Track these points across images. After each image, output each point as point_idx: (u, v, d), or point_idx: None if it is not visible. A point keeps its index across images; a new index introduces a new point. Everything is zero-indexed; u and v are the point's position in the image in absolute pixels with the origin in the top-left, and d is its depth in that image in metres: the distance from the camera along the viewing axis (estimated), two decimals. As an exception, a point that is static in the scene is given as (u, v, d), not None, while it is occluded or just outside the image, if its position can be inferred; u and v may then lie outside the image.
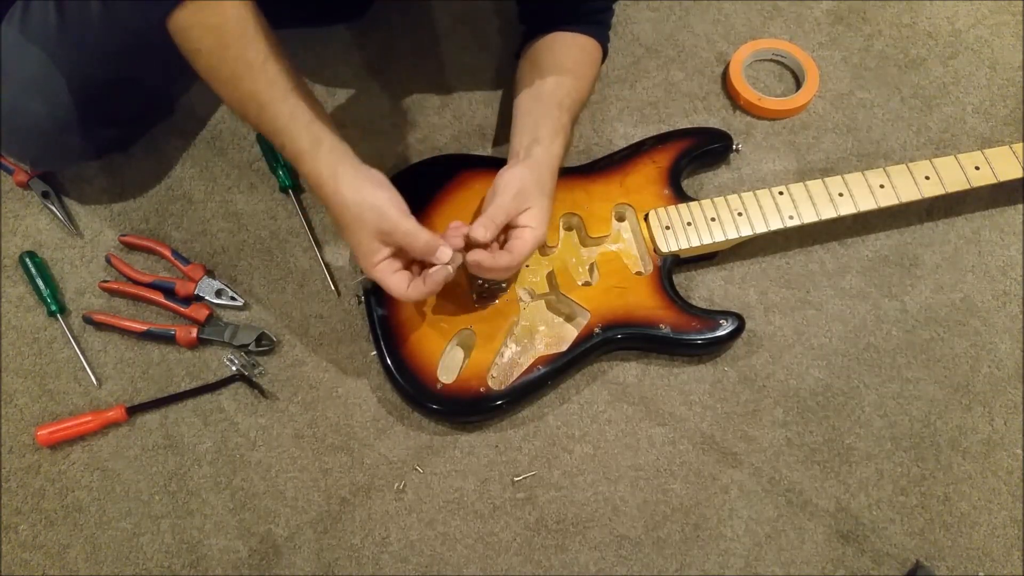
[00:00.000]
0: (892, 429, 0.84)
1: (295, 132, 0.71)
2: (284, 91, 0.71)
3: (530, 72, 0.88)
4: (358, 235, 0.72)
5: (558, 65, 0.87)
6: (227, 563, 0.78)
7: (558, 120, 0.83)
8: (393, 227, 0.71)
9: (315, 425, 0.83)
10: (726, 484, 0.81)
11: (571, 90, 0.86)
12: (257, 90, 0.70)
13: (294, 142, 0.71)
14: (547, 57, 0.88)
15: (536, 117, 0.84)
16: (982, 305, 0.90)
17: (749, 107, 1.00)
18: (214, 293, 0.88)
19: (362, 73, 1.02)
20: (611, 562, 0.78)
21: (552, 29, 0.89)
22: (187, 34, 0.69)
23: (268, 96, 0.70)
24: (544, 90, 0.85)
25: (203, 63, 0.71)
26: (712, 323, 0.83)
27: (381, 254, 0.72)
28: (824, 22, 1.08)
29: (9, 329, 0.88)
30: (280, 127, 0.71)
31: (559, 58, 0.88)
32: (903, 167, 0.88)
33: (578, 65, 0.89)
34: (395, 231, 0.71)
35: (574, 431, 0.83)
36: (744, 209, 0.86)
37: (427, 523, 0.79)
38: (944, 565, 0.78)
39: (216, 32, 0.69)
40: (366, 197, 0.71)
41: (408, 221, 0.71)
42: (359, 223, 0.71)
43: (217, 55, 0.70)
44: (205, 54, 0.70)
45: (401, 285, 0.73)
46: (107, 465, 0.82)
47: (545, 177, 0.80)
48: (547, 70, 0.86)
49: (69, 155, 0.90)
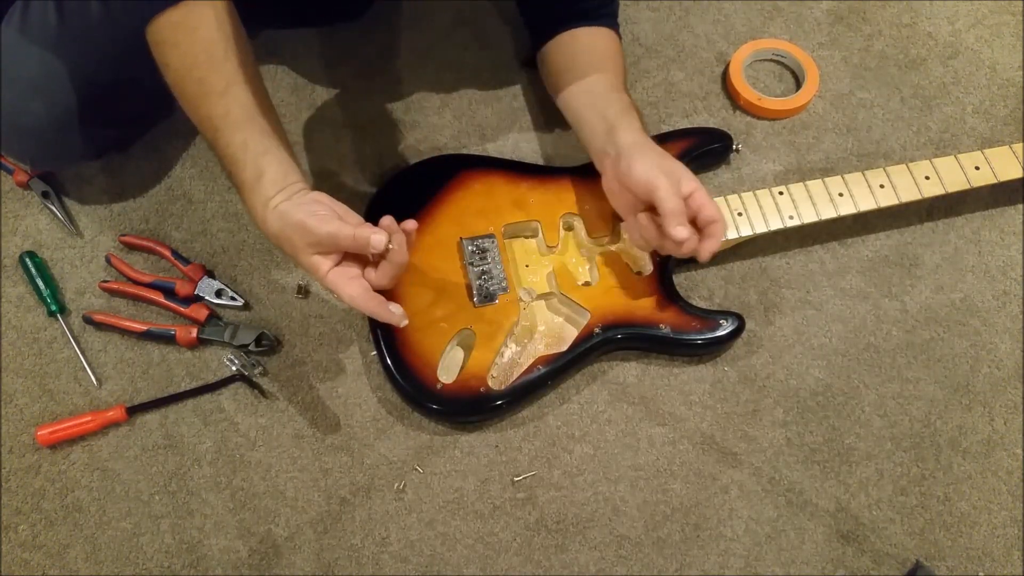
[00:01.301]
0: (892, 429, 0.84)
1: (243, 163, 0.71)
2: (240, 121, 0.71)
3: (567, 73, 0.88)
4: (297, 255, 0.71)
5: (591, 57, 0.87)
6: (227, 563, 0.78)
7: (620, 100, 0.83)
8: (315, 236, 0.69)
9: (315, 425, 0.83)
10: (726, 484, 0.81)
11: (615, 74, 0.86)
12: (214, 116, 0.71)
13: (240, 173, 0.72)
14: (576, 54, 0.88)
15: (600, 110, 0.84)
16: (982, 305, 0.90)
17: (749, 107, 1.00)
18: (214, 293, 0.88)
19: (362, 73, 1.02)
20: (611, 562, 0.78)
21: (561, 30, 0.89)
22: (158, 48, 0.70)
23: (223, 123, 0.71)
24: (591, 83, 0.85)
25: (169, 78, 0.72)
26: (712, 323, 0.83)
27: (325, 265, 0.71)
28: (824, 22, 1.08)
29: (9, 329, 0.88)
30: (230, 155, 0.72)
31: (589, 51, 0.88)
32: (903, 167, 0.88)
33: (608, 52, 0.89)
34: (319, 238, 0.69)
35: (574, 431, 0.83)
36: (744, 209, 0.86)
37: (427, 523, 0.79)
38: (944, 565, 0.78)
39: (184, 53, 0.70)
40: (287, 220, 0.70)
41: (329, 225, 0.69)
42: (291, 246, 0.71)
43: (182, 74, 0.71)
44: (172, 70, 0.71)
45: (350, 292, 0.71)
46: (107, 465, 0.82)
47: (653, 146, 0.80)
48: (583, 65, 0.86)
49: (69, 155, 0.90)
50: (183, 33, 0.69)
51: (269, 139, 0.72)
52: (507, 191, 0.89)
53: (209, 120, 0.71)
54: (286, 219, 0.70)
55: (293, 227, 0.70)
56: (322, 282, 0.71)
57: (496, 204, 0.88)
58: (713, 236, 0.76)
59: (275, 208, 0.71)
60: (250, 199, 0.72)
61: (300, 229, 0.70)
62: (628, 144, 0.80)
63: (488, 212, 0.88)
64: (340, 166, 0.96)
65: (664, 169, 0.77)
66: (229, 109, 0.71)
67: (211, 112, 0.71)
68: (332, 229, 0.69)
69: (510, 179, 0.90)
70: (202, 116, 0.72)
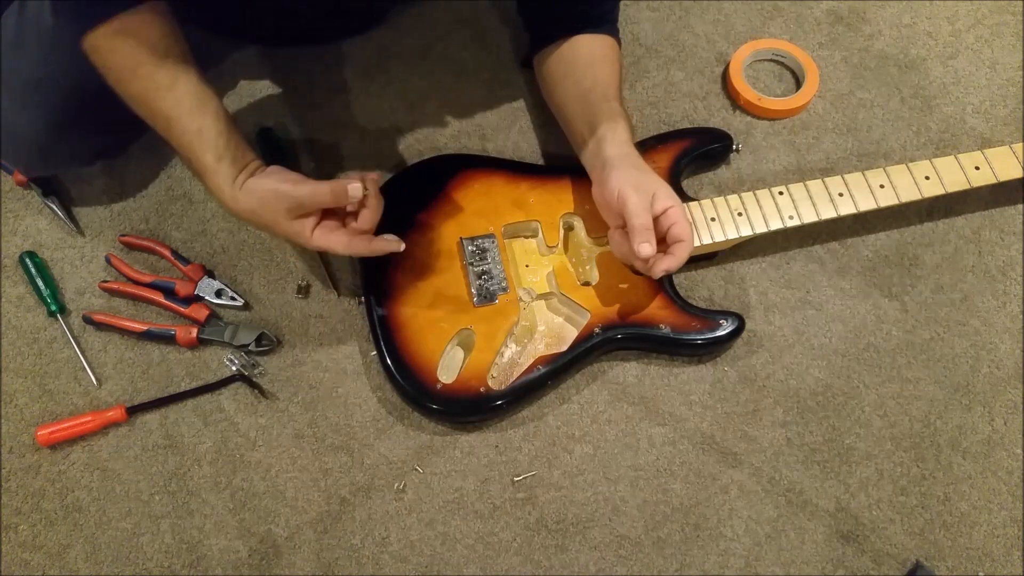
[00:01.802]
0: (892, 429, 0.84)
1: (202, 148, 0.73)
2: (192, 109, 0.72)
3: (562, 80, 0.88)
4: (278, 224, 0.73)
5: (586, 65, 0.86)
6: (227, 563, 0.78)
7: (608, 111, 0.83)
8: (294, 199, 0.72)
9: (315, 425, 0.83)
10: (726, 484, 0.81)
11: (607, 83, 0.85)
12: (165, 108, 0.72)
13: (201, 157, 0.73)
14: (570, 61, 0.87)
15: (588, 120, 0.84)
16: (982, 305, 0.90)
17: (749, 107, 1.00)
18: (214, 293, 0.88)
19: (362, 73, 1.02)
20: (611, 562, 0.78)
21: (560, 35, 0.88)
22: (97, 54, 0.71)
23: (176, 114, 0.72)
24: (582, 92, 0.85)
25: (111, 79, 0.72)
26: (712, 323, 0.83)
27: (308, 226, 0.73)
28: (824, 22, 1.08)
29: (9, 329, 0.88)
30: (187, 143, 0.73)
31: (584, 59, 0.87)
32: (903, 167, 0.88)
33: (604, 60, 0.88)
34: (299, 200, 0.72)
35: (574, 431, 0.83)
36: (744, 209, 0.86)
37: (427, 523, 0.79)
38: (944, 565, 0.78)
39: (126, 55, 0.70)
40: (259, 190, 0.73)
41: (304, 186, 0.72)
42: (271, 216, 0.73)
43: (126, 75, 0.72)
44: (114, 72, 0.72)
45: (342, 240, 0.74)
46: (107, 465, 0.82)
47: (633, 160, 0.80)
48: (577, 74, 0.86)
49: (60, 162, 0.91)
50: (121, 39, 0.70)
51: (221, 122, 0.74)
52: (507, 191, 0.89)
53: (161, 113, 0.72)
54: (259, 191, 0.72)
55: (270, 196, 0.72)
56: (308, 244, 0.74)
57: (496, 204, 0.88)
58: (673, 255, 0.76)
59: (243, 185, 0.73)
60: (214, 181, 0.73)
61: (276, 196, 0.72)
62: (608, 157, 0.80)
63: (488, 212, 0.88)
64: (340, 166, 0.96)
65: (637, 185, 0.77)
66: (179, 100, 0.72)
67: (162, 106, 0.72)
68: (310, 188, 0.72)
69: (510, 179, 0.90)
70: (153, 111, 0.73)
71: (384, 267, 0.84)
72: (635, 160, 0.81)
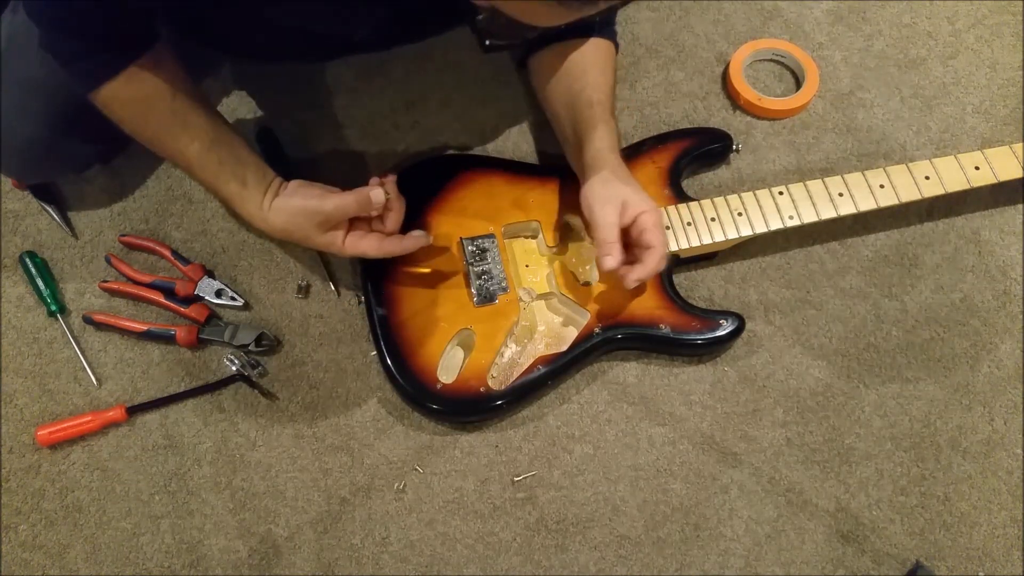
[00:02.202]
0: (892, 429, 0.84)
1: (225, 179, 0.75)
2: (208, 144, 0.75)
3: (552, 85, 0.87)
4: (310, 239, 0.76)
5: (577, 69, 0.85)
6: (227, 563, 0.78)
7: (592, 117, 0.82)
8: (324, 213, 0.74)
9: (315, 425, 0.83)
10: (726, 484, 0.81)
11: (596, 88, 0.84)
12: (182, 148, 0.74)
13: (224, 187, 0.76)
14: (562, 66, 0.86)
15: (573, 124, 0.84)
16: (982, 305, 0.90)
17: (749, 107, 1.00)
18: (214, 293, 0.88)
19: (362, 73, 1.02)
20: (611, 562, 0.78)
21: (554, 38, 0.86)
22: (108, 107, 0.72)
23: (193, 152, 0.74)
24: (572, 96, 0.84)
25: (126, 128, 0.74)
26: (712, 323, 0.83)
27: (339, 237, 0.76)
28: (824, 22, 1.08)
29: (9, 329, 0.88)
30: (210, 175, 0.76)
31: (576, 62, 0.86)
32: (903, 167, 0.88)
33: (595, 63, 0.87)
34: (328, 214, 0.74)
35: (574, 431, 0.83)
36: (744, 209, 0.86)
37: (427, 523, 0.79)
38: (944, 565, 0.78)
39: (137, 105, 0.72)
40: (288, 209, 0.75)
41: (329, 200, 0.74)
42: (302, 230, 0.75)
43: (140, 123, 0.74)
44: (127, 123, 0.74)
45: (373, 244, 0.77)
46: (107, 465, 0.82)
47: (611, 168, 0.79)
48: (567, 77, 0.85)
49: (51, 170, 0.91)
50: (131, 88, 0.71)
51: (237, 148, 0.76)
52: (507, 191, 0.89)
53: (180, 153, 0.75)
54: (288, 210, 0.75)
55: (299, 213, 0.75)
56: (342, 252, 0.77)
57: (496, 204, 0.88)
58: (643, 264, 0.75)
59: (271, 206, 0.75)
60: (243, 207, 0.76)
61: (306, 212, 0.74)
62: (584, 164, 0.80)
63: (488, 212, 0.88)
64: (340, 166, 0.96)
65: (604, 195, 0.76)
66: (195, 137, 0.74)
67: (178, 146, 0.75)
68: (336, 201, 0.74)
69: (510, 179, 0.90)
70: (171, 152, 0.76)
71: (384, 267, 0.84)
72: (612, 165, 0.79)
